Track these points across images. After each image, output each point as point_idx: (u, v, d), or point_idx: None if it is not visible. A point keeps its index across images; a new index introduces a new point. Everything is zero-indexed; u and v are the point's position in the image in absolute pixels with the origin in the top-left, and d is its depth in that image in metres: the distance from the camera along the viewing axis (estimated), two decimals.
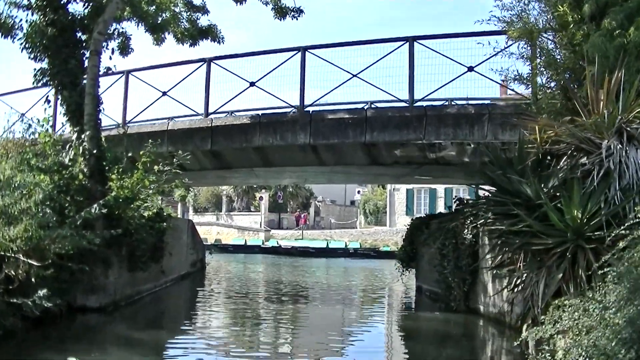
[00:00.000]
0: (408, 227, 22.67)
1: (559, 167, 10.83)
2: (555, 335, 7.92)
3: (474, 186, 16.72)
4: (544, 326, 8.29)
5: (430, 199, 56.56)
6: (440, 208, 50.66)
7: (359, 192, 70.65)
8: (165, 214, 18.44)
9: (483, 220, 11.30)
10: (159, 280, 19.31)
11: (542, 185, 10.60)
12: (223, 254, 44.77)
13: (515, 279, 11.00)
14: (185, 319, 15.86)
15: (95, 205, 13.61)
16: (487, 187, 14.11)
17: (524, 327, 10.40)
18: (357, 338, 13.84)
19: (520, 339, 8.91)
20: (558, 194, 10.31)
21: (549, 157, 11.49)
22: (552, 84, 14.12)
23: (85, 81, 15.70)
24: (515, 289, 11.13)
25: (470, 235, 15.08)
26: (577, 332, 7.38)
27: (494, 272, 13.28)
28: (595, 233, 9.58)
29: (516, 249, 10.74)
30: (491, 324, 14.05)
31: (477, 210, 12.18)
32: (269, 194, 65.58)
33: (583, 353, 6.81)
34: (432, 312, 16.97)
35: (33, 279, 11.48)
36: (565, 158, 10.84)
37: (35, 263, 11.53)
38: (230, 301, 19.34)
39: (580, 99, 11.31)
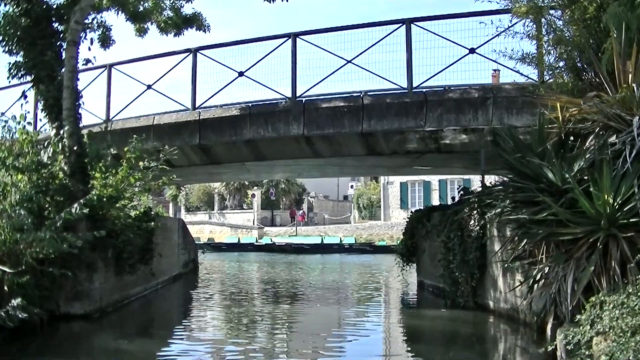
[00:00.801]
0: (408, 220, 21.79)
1: (585, 148, 9.84)
2: (595, 337, 6.99)
3: (477, 174, 15.76)
4: (581, 327, 7.36)
5: (424, 191, 55.95)
6: (435, 201, 50.94)
7: (352, 186, 69.91)
8: (153, 212, 17.51)
9: (499, 210, 10.25)
10: (149, 283, 18.50)
11: (567, 169, 9.60)
12: (216, 252, 44.27)
13: (535, 273, 10.01)
14: (177, 325, 14.88)
15: (75, 205, 12.64)
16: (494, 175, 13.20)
17: (548, 326, 9.50)
18: (357, 340, 12.74)
19: (554, 342, 8.00)
20: (586, 177, 9.35)
21: (572, 138, 10.50)
22: (561, 63, 13.23)
23: (63, 74, 14.70)
24: (536, 285, 10.13)
25: (478, 227, 14.34)
26: (621, 333, 6.47)
27: (506, 265, 12.42)
28: (631, 220, 8.62)
29: (540, 240, 9.75)
30: (503, 321, 13.26)
31: (492, 198, 11.11)
32: (261, 191, 64.87)
33: (631, 357, 5.92)
34: (436, 309, 16.02)
35: (6, 287, 10.52)
36: (591, 138, 9.86)
37: (8, 270, 10.58)
38: (225, 304, 18.34)
39: (601, 73, 10.38)
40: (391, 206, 58.03)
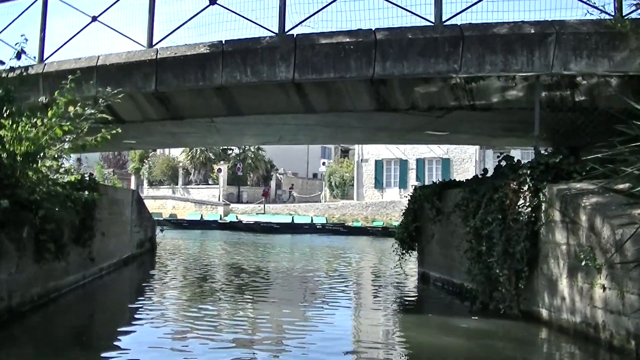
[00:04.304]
0: (410, 199, 18.03)
1: None
2: None
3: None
4: None
5: (401, 170, 54.22)
6: (412, 180, 50.54)
7: (323, 163, 66.98)
8: (89, 179, 13.58)
9: None
10: (89, 270, 15.00)
11: None
12: (177, 230, 42.34)
13: None
14: (119, 328, 11.00)
15: None
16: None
17: None
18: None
19: None
20: None
21: None
22: None
23: None
24: None
25: (529, 209, 10.78)
26: None
27: (583, 263, 9.04)
28: None
29: None
30: (567, 339, 9.74)
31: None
32: (228, 166, 62.19)
33: None
34: (455, 314, 12.49)
35: None
36: None
37: None
38: (183, 296, 14.93)
39: None
40: (365, 185, 56.01)
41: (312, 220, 48.67)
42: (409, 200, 18.12)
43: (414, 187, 18.68)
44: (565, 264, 9.86)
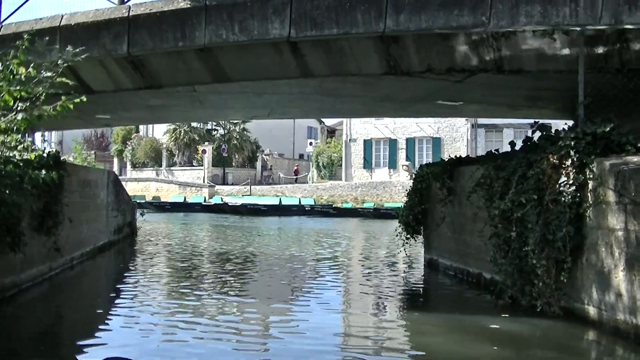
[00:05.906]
0: (415, 177, 16.34)
1: None
2: None
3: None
4: None
5: (390, 150, 52.75)
6: (402, 160, 49.89)
7: (311, 143, 66.00)
8: (48, 156, 11.79)
9: None
10: (56, 260, 13.41)
11: None
12: (159, 213, 41.74)
13: None
14: (89, 329, 9.38)
15: None
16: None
17: None
18: None
19: None
20: None
21: None
22: None
23: None
24: None
25: (573, 188, 9.18)
26: None
27: None
28: None
29: None
30: (622, 344, 8.20)
31: None
32: (213, 147, 60.89)
33: None
34: (468, 308, 11.05)
35: None
36: None
37: None
38: (161, 291, 13.17)
39: None
40: (353, 165, 55.09)
41: (300, 201, 47.74)
42: (414, 179, 16.50)
43: (404, 166, 16.92)
44: (621, 253, 8.30)
